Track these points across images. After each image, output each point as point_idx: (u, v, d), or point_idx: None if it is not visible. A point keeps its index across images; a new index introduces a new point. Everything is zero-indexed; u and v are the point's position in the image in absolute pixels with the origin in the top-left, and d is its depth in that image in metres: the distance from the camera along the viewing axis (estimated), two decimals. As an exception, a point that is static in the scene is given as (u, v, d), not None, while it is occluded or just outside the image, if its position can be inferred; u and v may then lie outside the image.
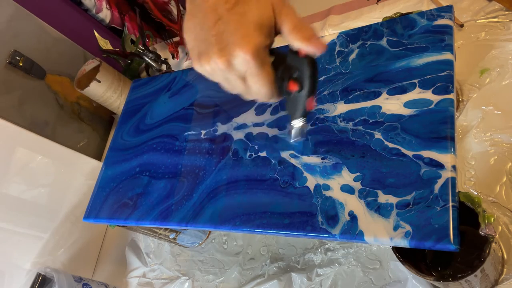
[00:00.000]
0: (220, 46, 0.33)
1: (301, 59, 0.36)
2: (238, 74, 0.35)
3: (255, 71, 0.34)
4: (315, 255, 0.59)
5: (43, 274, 0.65)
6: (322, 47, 0.34)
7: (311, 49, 0.34)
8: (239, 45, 0.33)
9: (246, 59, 0.33)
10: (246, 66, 0.34)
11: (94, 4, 0.98)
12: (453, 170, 0.35)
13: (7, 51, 0.78)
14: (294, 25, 0.34)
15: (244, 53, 0.33)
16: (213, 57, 0.34)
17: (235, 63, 0.34)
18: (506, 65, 0.55)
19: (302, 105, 0.38)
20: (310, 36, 0.34)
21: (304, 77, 0.36)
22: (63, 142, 0.75)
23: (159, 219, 0.49)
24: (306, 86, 0.36)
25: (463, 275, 0.38)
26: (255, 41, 0.33)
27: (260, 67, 0.34)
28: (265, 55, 0.35)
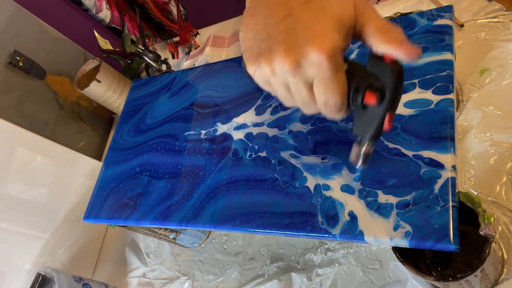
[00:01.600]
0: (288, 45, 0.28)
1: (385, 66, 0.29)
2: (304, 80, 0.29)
3: (327, 76, 0.28)
4: (315, 255, 0.59)
5: (43, 274, 0.65)
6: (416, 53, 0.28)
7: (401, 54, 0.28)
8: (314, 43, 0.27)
9: (320, 61, 0.27)
10: (318, 70, 0.28)
11: (94, 4, 0.98)
12: (453, 170, 0.35)
13: (7, 51, 0.78)
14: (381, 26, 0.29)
15: (319, 53, 0.27)
16: (277, 57, 0.28)
17: (305, 64, 0.28)
18: (506, 65, 0.55)
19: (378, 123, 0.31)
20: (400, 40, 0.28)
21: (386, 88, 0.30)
22: (63, 142, 0.76)
23: (159, 219, 0.49)
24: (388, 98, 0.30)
25: (463, 275, 0.38)
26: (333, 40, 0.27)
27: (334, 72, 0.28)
28: (341, 59, 0.29)
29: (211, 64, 0.60)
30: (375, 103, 0.30)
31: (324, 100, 0.30)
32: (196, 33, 0.98)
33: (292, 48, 0.28)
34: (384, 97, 0.30)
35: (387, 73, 0.29)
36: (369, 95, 0.30)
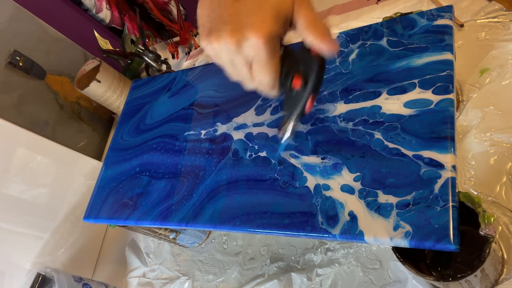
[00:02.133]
0: (234, 26, 0.32)
1: (311, 56, 0.35)
2: (245, 58, 0.34)
3: (263, 58, 0.33)
4: (315, 255, 0.59)
5: (43, 274, 0.65)
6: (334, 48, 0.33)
7: (324, 47, 0.33)
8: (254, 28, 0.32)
9: (258, 44, 0.32)
10: (256, 51, 0.33)
11: (94, 4, 0.98)
12: (453, 170, 0.35)
13: (7, 51, 0.78)
14: (311, 20, 0.33)
15: (257, 37, 0.32)
16: (224, 35, 0.33)
17: (246, 45, 0.33)
18: (506, 65, 0.55)
19: (302, 104, 0.37)
20: (324, 34, 0.33)
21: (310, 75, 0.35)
22: (63, 142, 0.75)
23: (159, 219, 0.49)
24: (310, 84, 0.35)
25: (463, 275, 0.38)
26: (270, 27, 0.32)
27: (269, 55, 0.33)
28: (276, 45, 0.34)
29: (211, 64, 0.60)
30: (300, 87, 0.36)
31: (259, 78, 0.35)
32: (196, 33, 0.98)
33: (236, 30, 0.32)
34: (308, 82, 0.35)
35: (312, 62, 0.35)
36: (296, 80, 0.36)
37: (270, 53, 0.33)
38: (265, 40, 0.32)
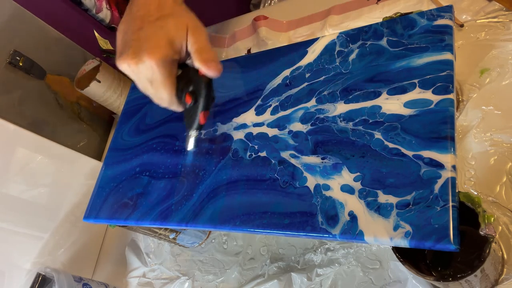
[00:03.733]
0: (135, 50, 0.39)
1: (199, 77, 0.41)
2: (147, 78, 0.40)
3: (159, 78, 0.40)
4: (315, 255, 0.59)
5: (43, 274, 0.65)
6: (216, 71, 0.40)
7: (206, 71, 0.40)
8: (149, 52, 0.38)
9: (152, 66, 0.38)
10: (151, 72, 0.39)
11: (94, 4, 0.98)
12: (453, 170, 0.35)
13: (7, 51, 0.78)
14: (199, 47, 0.40)
15: (150, 60, 0.38)
16: (127, 58, 0.39)
17: (143, 67, 0.39)
18: (506, 65, 0.55)
19: (195, 118, 0.43)
20: (208, 60, 0.39)
21: (198, 93, 0.41)
22: (63, 142, 0.75)
23: (159, 219, 0.49)
24: (200, 102, 0.42)
25: (463, 275, 0.38)
26: (163, 52, 0.38)
27: (164, 75, 0.39)
28: (171, 67, 0.40)
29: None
30: (191, 103, 0.42)
31: (158, 95, 0.42)
32: (196, 33, 0.98)
33: (136, 53, 0.38)
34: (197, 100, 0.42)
35: (200, 82, 0.41)
36: (188, 97, 0.42)
37: (164, 74, 0.39)
38: (158, 63, 0.38)
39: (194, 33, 0.40)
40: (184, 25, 0.39)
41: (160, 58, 0.38)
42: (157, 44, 0.38)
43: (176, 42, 0.39)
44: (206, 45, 0.40)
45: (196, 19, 0.41)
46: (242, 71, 0.56)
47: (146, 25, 0.39)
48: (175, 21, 0.39)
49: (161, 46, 0.38)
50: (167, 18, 0.39)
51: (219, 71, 0.40)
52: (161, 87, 0.41)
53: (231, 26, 0.92)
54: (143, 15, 0.40)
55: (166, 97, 0.42)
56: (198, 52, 0.40)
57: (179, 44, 0.39)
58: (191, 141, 0.46)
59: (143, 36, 0.39)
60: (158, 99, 0.43)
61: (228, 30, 0.92)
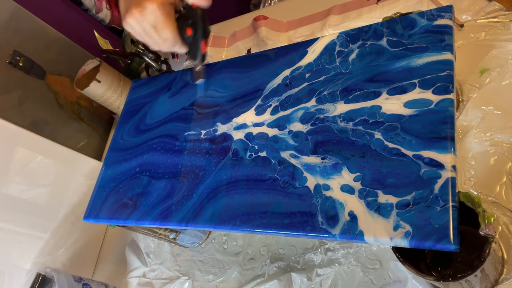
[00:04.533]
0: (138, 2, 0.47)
1: (194, 11, 0.49)
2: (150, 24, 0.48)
3: (161, 19, 0.47)
4: (315, 255, 0.59)
5: (43, 274, 0.65)
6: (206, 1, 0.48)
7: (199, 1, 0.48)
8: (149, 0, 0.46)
9: (154, 9, 0.46)
10: (154, 15, 0.47)
11: (94, 4, 0.98)
12: (453, 170, 0.35)
13: (7, 51, 0.78)
14: None
15: (152, 4, 0.46)
16: (132, 11, 0.47)
17: (146, 13, 0.47)
18: (506, 65, 0.55)
19: (198, 48, 0.50)
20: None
21: (196, 24, 0.49)
22: (63, 142, 0.75)
23: (159, 219, 0.49)
24: (199, 30, 0.49)
25: (463, 275, 0.38)
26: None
27: (165, 17, 0.47)
28: (170, 9, 0.48)
29: (211, 64, 0.60)
30: (191, 34, 0.50)
31: (163, 36, 0.49)
32: (196, 33, 0.98)
33: (139, 4, 0.47)
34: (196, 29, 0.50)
35: (195, 15, 0.49)
36: (187, 29, 0.50)
37: (165, 15, 0.47)
38: (158, 5, 0.46)
39: None
40: None
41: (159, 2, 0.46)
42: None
43: None
44: None
45: None
46: (242, 71, 0.56)
47: None
48: None
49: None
50: None
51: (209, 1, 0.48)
52: (164, 27, 0.48)
53: (231, 26, 0.92)
54: None
55: (170, 35, 0.49)
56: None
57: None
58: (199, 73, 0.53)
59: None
60: (164, 40, 0.49)
61: (228, 30, 0.92)
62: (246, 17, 0.92)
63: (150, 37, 0.50)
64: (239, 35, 0.89)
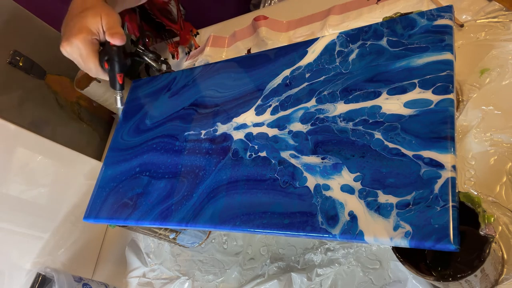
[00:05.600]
0: (67, 37, 0.55)
1: (111, 48, 0.56)
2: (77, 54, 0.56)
3: (84, 52, 0.55)
4: (315, 255, 0.59)
5: (43, 274, 0.65)
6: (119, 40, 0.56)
7: (112, 40, 0.55)
8: (74, 36, 0.54)
9: (78, 45, 0.54)
10: (79, 50, 0.55)
11: (94, 4, 0.98)
12: (453, 170, 0.35)
13: (7, 51, 0.78)
14: (109, 26, 0.55)
15: (76, 41, 0.54)
16: (63, 44, 0.55)
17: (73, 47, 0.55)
18: (506, 65, 0.55)
19: (115, 79, 0.58)
20: (113, 33, 0.55)
21: (112, 60, 0.56)
22: (63, 142, 0.75)
23: (159, 219, 0.49)
24: (114, 65, 0.57)
25: (463, 275, 0.38)
26: (84, 34, 0.54)
27: (88, 51, 0.55)
28: (92, 44, 0.55)
29: (211, 64, 0.60)
30: (107, 68, 0.57)
31: (87, 66, 0.57)
32: (196, 33, 0.98)
33: (67, 38, 0.55)
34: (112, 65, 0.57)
35: (112, 51, 0.56)
36: (105, 64, 0.57)
37: (88, 49, 0.55)
38: (82, 42, 0.54)
39: (106, 18, 0.55)
40: (99, 13, 0.55)
41: (82, 38, 0.54)
42: (80, 29, 0.54)
43: (93, 26, 0.55)
44: (113, 24, 0.55)
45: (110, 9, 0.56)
46: (242, 71, 0.56)
47: (74, 18, 0.55)
48: (93, 11, 0.55)
49: (83, 30, 0.54)
50: (87, 10, 0.55)
51: (122, 40, 0.56)
52: (87, 60, 0.56)
53: (231, 26, 0.92)
54: (74, 10, 0.56)
55: (93, 66, 0.57)
56: (107, 29, 0.55)
57: (95, 27, 0.55)
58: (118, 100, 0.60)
59: (72, 25, 0.55)
60: (88, 70, 0.57)
61: (228, 30, 0.92)
62: (246, 17, 0.92)
63: (79, 64, 0.58)
64: (239, 35, 0.89)
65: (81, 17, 0.54)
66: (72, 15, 0.56)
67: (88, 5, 0.56)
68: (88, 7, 0.55)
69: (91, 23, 0.54)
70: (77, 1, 0.57)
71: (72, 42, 0.54)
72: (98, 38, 0.56)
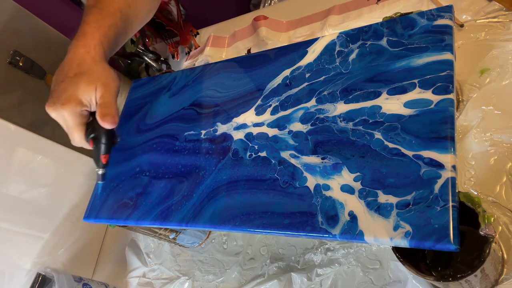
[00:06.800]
0: (54, 100, 0.46)
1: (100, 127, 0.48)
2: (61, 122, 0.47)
3: (70, 124, 0.47)
4: (315, 255, 0.59)
5: (43, 274, 0.65)
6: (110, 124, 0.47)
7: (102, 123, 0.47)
8: (61, 104, 0.45)
9: (63, 115, 0.46)
10: (63, 119, 0.46)
11: (94, 4, 0.98)
12: (453, 170, 0.35)
13: (7, 51, 0.78)
14: (102, 102, 0.47)
15: (63, 110, 0.45)
16: (48, 106, 0.46)
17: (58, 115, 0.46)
18: (506, 65, 0.55)
19: (99, 159, 0.50)
20: (105, 114, 0.46)
21: (98, 140, 0.49)
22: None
23: (159, 219, 0.49)
24: (100, 146, 0.49)
25: (463, 275, 0.38)
26: (73, 106, 0.45)
27: (73, 123, 0.47)
28: (80, 117, 0.47)
29: (211, 64, 0.60)
30: (92, 146, 0.49)
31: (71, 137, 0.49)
32: (196, 33, 0.98)
33: (54, 103, 0.45)
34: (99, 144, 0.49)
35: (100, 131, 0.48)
36: (91, 142, 0.49)
37: (74, 122, 0.47)
38: (68, 113, 0.45)
39: (101, 90, 0.47)
40: (94, 83, 0.46)
41: (70, 110, 0.45)
42: (69, 98, 0.45)
43: (85, 97, 0.46)
44: (109, 101, 0.47)
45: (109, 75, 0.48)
46: (242, 71, 0.56)
47: (66, 79, 0.46)
48: (88, 78, 0.46)
49: (72, 101, 0.45)
50: (82, 75, 0.46)
51: (113, 124, 0.47)
52: (72, 131, 0.48)
53: (231, 26, 0.92)
54: (67, 70, 0.47)
55: (77, 139, 0.49)
56: (100, 106, 0.47)
57: (87, 98, 0.46)
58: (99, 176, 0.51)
59: (62, 89, 0.46)
60: (72, 140, 0.49)
61: (228, 30, 0.92)
62: (246, 17, 0.92)
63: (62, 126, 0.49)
64: (239, 35, 0.89)
65: (74, 84, 0.46)
66: (64, 75, 0.47)
67: (84, 68, 0.47)
68: (83, 71, 0.46)
69: (83, 94, 0.46)
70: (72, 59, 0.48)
71: (59, 111, 0.45)
72: (88, 110, 0.47)
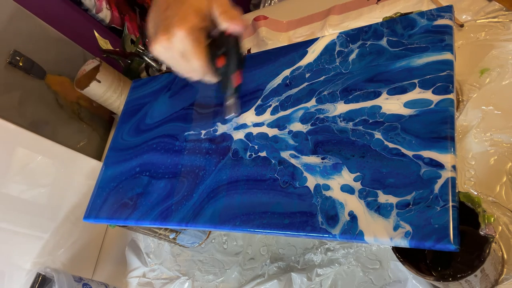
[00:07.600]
0: (165, 27, 0.40)
1: (227, 38, 0.42)
2: (179, 52, 0.41)
3: (190, 47, 0.40)
4: (315, 255, 0.59)
5: (43, 274, 0.65)
6: (241, 26, 0.42)
7: (232, 27, 0.41)
8: (177, 25, 0.40)
9: (182, 36, 0.40)
10: (182, 43, 0.40)
11: (94, 4, 0.98)
12: (453, 170, 0.35)
13: (7, 51, 0.78)
14: (223, 10, 0.41)
15: (180, 31, 0.40)
16: (159, 37, 0.41)
17: (174, 40, 0.40)
18: (506, 65, 0.55)
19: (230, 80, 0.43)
20: (232, 17, 0.41)
21: (229, 53, 0.42)
22: (63, 142, 0.75)
23: (159, 219, 0.49)
24: (232, 61, 0.42)
25: (463, 275, 0.38)
26: (190, 22, 0.40)
27: (195, 43, 0.40)
28: (200, 35, 0.41)
29: (211, 64, 0.60)
30: (224, 64, 0.42)
31: (192, 65, 0.42)
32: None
33: (167, 29, 0.40)
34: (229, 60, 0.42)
35: (229, 42, 0.42)
36: (219, 59, 0.42)
37: (194, 42, 0.40)
38: (187, 32, 0.40)
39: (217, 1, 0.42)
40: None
41: (188, 27, 0.40)
42: (184, 16, 0.40)
43: (201, 11, 0.41)
44: (228, 7, 0.42)
45: None
46: (242, 71, 0.56)
47: (170, 4, 0.41)
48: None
49: (188, 17, 0.40)
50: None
51: (244, 26, 0.42)
52: (193, 56, 0.41)
53: (231, 26, 0.92)
54: None
55: (199, 66, 0.42)
56: (222, 14, 0.41)
57: (203, 13, 0.41)
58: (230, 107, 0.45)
59: (170, 14, 0.41)
60: (192, 71, 0.43)
61: (228, 30, 0.92)
62: (246, 17, 0.92)
63: (178, 64, 0.43)
64: (239, 35, 0.89)
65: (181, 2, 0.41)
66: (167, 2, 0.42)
67: None
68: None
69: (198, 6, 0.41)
70: None
71: (175, 33, 0.40)
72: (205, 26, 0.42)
